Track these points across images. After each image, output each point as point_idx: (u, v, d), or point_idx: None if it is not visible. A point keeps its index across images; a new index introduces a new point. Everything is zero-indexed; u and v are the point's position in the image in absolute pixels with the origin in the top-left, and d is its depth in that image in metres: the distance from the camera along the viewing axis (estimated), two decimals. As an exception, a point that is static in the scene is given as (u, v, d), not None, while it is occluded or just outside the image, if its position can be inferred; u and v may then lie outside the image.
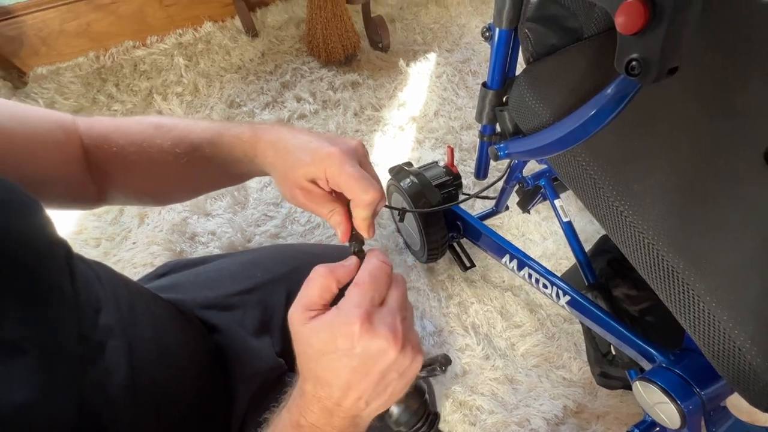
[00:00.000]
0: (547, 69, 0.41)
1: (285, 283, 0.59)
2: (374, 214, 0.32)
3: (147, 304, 0.41)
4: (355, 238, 0.32)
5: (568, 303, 0.49)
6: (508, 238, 0.86)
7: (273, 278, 0.59)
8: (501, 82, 0.44)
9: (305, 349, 0.27)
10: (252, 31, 1.25)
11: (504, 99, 0.46)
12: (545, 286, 0.52)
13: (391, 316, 0.26)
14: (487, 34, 0.43)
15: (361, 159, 0.32)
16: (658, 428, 0.46)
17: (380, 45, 1.20)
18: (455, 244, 0.81)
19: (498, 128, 0.49)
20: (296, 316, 0.27)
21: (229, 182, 0.42)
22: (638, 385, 0.38)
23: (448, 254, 0.83)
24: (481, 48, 1.22)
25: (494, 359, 0.73)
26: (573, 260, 0.86)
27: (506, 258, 0.58)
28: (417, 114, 1.08)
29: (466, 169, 0.97)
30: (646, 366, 0.41)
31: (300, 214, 0.91)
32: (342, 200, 0.33)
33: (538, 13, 0.40)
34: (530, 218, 0.89)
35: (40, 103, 1.11)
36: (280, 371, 0.52)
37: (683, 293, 0.32)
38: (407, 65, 1.18)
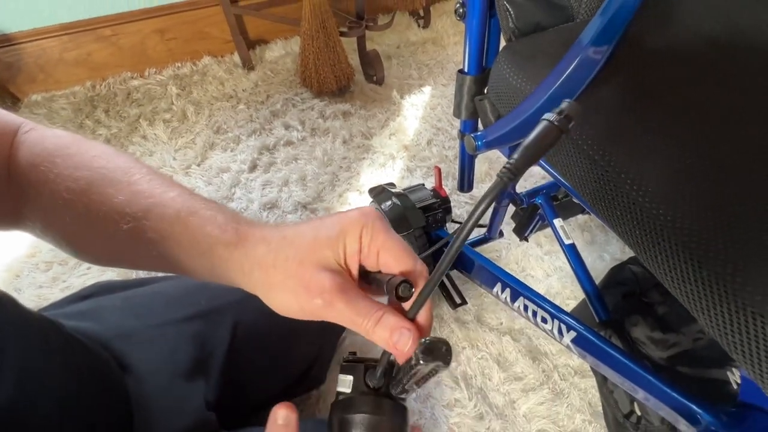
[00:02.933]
0: (531, 45, 0.34)
1: (233, 312, 0.49)
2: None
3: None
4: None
5: (574, 341, 0.38)
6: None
7: (219, 306, 0.49)
8: (480, 65, 0.38)
9: None
10: (248, 65, 1.26)
11: (485, 90, 0.40)
12: (544, 321, 0.41)
13: None
14: (462, 10, 0.37)
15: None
16: None
17: (374, 78, 1.19)
18: (444, 278, 0.71)
19: (480, 125, 0.42)
20: None
21: (171, 271, 0.29)
22: (678, 460, 0.27)
23: (436, 290, 0.72)
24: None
25: (489, 420, 0.60)
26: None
27: (498, 287, 0.48)
28: (409, 143, 1.02)
29: (460, 198, 0.89)
30: (688, 430, 0.29)
31: (274, 242, 0.82)
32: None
33: (517, -19, 0.34)
34: (531, 252, 0.79)
35: (26, 126, 1.10)
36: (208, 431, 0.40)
37: (730, 311, 0.22)
38: (401, 97, 1.16)
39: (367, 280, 0.24)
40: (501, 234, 0.67)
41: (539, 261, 0.77)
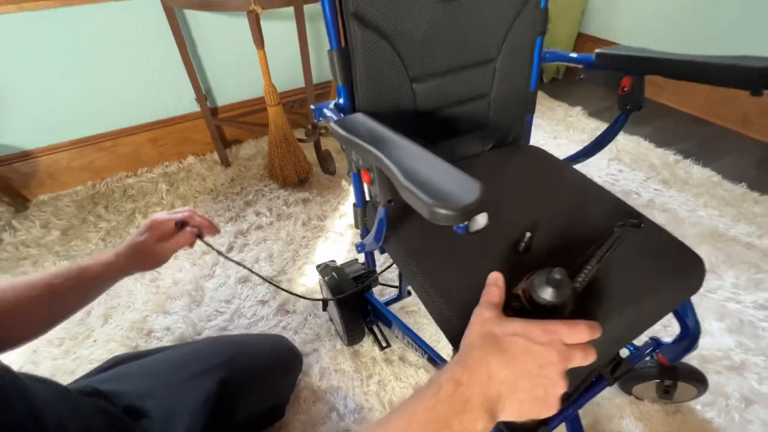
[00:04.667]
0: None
1: (220, 370, 0.71)
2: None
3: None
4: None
5: (428, 360, 0.64)
6: (424, 321, 1.01)
7: (208, 368, 0.71)
8: (364, 202, 0.67)
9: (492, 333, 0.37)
10: (225, 162, 1.55)
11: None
12: (415, 349, 0.67)
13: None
14: (351, 177, 0.67)
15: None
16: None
17: (328, 170, 1.51)
18: (374, 327, 0.96)
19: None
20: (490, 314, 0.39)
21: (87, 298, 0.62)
22: None
23: (369, 337, 0.96)
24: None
25: (407, 432, 0.81)
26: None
27: (395, 329, 0.74)
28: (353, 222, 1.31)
29: (387, 264, 1.17)
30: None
31: (247, 309, 1.05)
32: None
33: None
34: (442, 304, 1.05)
35: (36, 223, 1.32)
36: None
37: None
38: (349, 185, 1.47)
39: None
40: (409, 293, 0.94)
41: (447, 310, 1.04)
